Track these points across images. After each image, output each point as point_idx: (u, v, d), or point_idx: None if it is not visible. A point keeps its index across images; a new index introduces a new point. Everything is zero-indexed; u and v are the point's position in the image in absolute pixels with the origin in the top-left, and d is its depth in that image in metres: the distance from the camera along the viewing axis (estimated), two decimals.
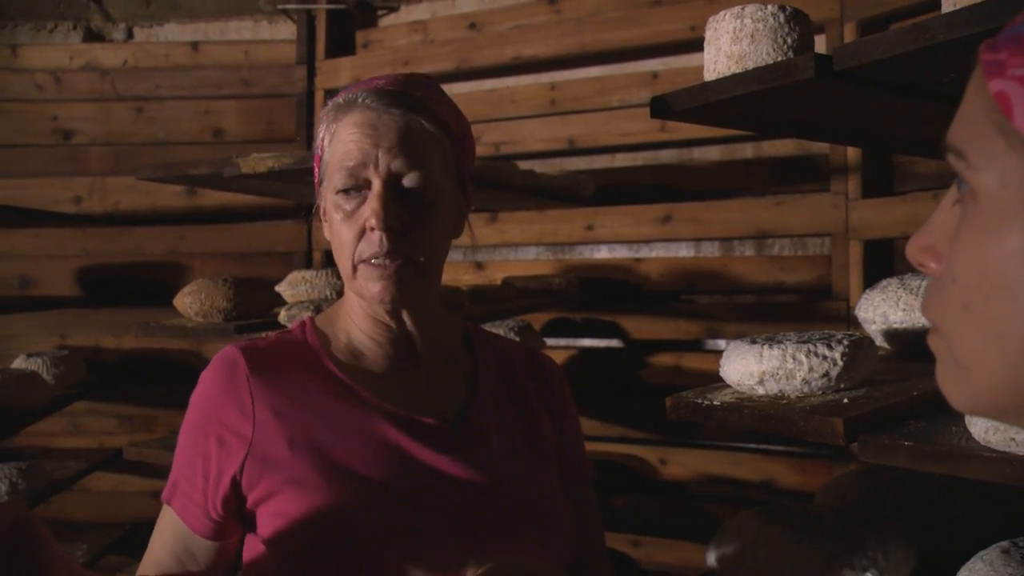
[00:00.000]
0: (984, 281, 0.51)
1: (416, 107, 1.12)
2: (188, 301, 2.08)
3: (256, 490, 1.07)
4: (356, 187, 1.09)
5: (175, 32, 3.75)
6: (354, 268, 1.11)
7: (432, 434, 1.14)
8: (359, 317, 1.18)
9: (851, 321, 2.52)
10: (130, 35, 3.77)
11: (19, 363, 2.89)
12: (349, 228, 1.10)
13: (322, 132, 1.15)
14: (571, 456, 1.31)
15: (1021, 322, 0.50)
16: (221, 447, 1.08)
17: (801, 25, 1.21)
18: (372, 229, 1.08)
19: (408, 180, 1.10)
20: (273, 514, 1.07)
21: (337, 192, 1.10)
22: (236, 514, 1.11)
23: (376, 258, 1.09)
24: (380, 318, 1.17)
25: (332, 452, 1.08)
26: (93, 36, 3.75)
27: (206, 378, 1.14)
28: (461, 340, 1.29)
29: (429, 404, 1.17)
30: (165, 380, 3.46)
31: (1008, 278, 0.50)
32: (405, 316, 1.18)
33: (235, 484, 1.08)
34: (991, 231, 0.51)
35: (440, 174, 1.13)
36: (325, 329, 1.21)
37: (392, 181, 1.09)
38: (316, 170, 1.19)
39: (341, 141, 1.10)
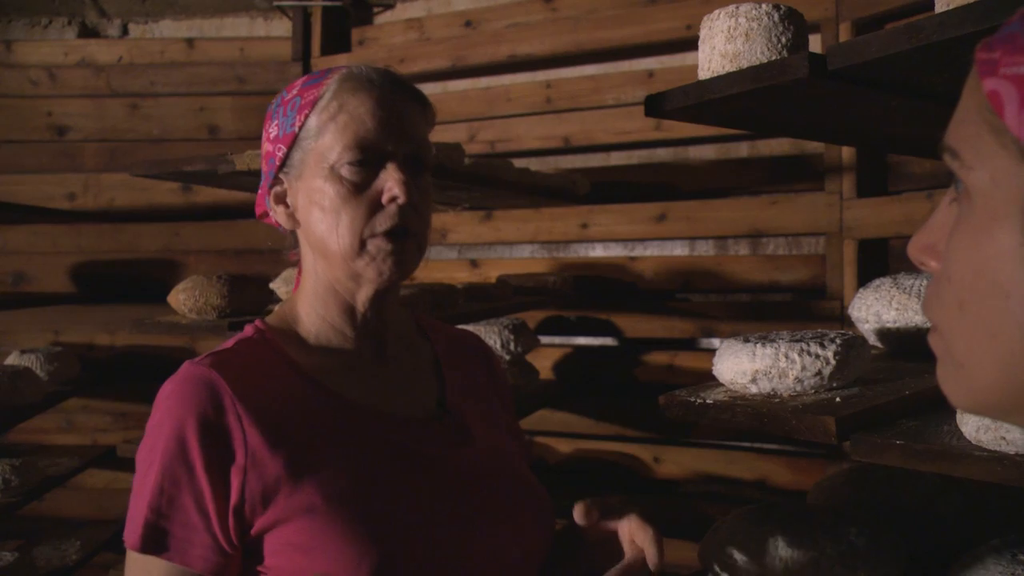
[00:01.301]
0: (978, 280, 0.51)
1: (421, 98, 1.15)
2: (182, 298, 2.08)
3: (260, 519, 1.00)
4: (368, 160, 1.07)
5: (170, 28, 3.75)
6: (362, 244, 1.07)
7: (423, 430, 1.13)
8: (330, 310, 1.14)
9: (845, 320, 2.52)
10: (125, 31, 3.76)
11: (12, 359, 2.89)
12: (359, 202, 1.07)
13: (314, 107, 1.08)
14: (519, 442, 1.31)
15: (1013, 321, 0.50)
16: (214, 478, 0.99)
17: (795, 24, 1.21)
18: (393, 201, 1.07)
19: (419, 159, 1.12)
20: (281, 544, 1.01)
21: (347, 164, 1.06)
22: (241, 543, 1.03)
23: (393, 231, 1.07)
24: (358, 307, 1.14)
25: (333, 470, 1.03)
26: (88, 32, 3.74)
27: (180, 403, 1.02)
28: (415, 330, 1.28)
29: (408, 398, 1.16)
30: (159, 377, 3.42)
31: (1000, 277, 0.50)
32: (381, 306, 1.15)
33: (237, 513, 1.00)
34: (984, 230, 0.51)
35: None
36: (285, 330, 1.15)
37: (410, 157, 1.10)
38: (281, 150, 1.11)
39: (354, 113, 1.07)
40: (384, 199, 1.07)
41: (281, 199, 1.15)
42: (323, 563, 0.98)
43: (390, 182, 1.07)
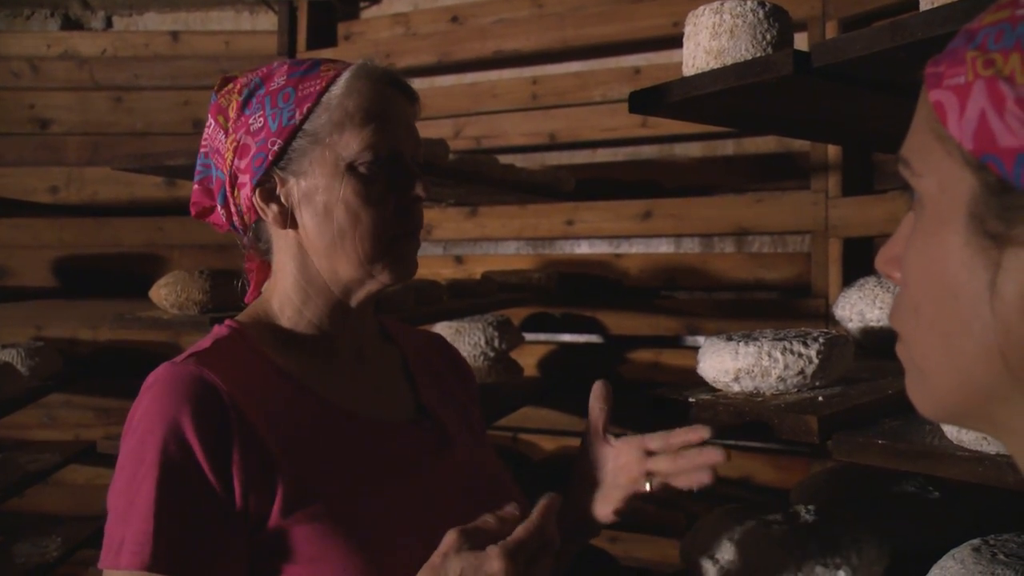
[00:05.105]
0: (930, 283, 0.54)
1: (417, 97, 1.16)
2: (164, 293, 2.06)
3: (259, 518, 0.95)
4: (386, 159, 1.05)
5: (155, 21, 3.72)
6: (385, 246, 1.05)
7: (405, 434, 1.11)
8: (315, 309, 1.10)
9: (830, 319, 2.53)
10: (109, 24, 3.73)
11: None
12: (381, 204, 1.04)
13: (320, 101, 1.04)
14: (490, 444, 1.30)
15: (963, 322, 0.52)
16: (223, 478, 0.93)
17: (780, 21, 1.21)
18: (416, 201, 1.07)
19: (419, 157, 1.12)
20: (279, 549, 0.95)
21: (367, 163, 1.03)
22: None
23: (413, 231, 1.09)
24: (351, 304, 1.10)
25: (326, 473, 0.99)
26: (71, 24, 3.71)
27: (172, 405, 0.95)
28: (380, 334, 1.25)
29: (386, 401, 1.15)
30: (141, 373, 3.39)
31: (948, 279, 0.52)
32: (368, 305, 1.13)
33: (242, 513, 0.94)
34: (933, 234, 0.54)
35: None
36: (261, 329, 1.10)
37: (416, 155, 1.11)
38: (277, 143, 1.05)
39: (371, 111, 1.04)
40: (409, 198, 1.07)
41: (273, 196, 1.07)
42: (329, 571, 0.95)
43: (408, 182, 1.07)
